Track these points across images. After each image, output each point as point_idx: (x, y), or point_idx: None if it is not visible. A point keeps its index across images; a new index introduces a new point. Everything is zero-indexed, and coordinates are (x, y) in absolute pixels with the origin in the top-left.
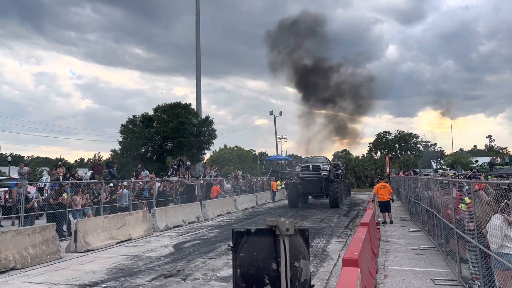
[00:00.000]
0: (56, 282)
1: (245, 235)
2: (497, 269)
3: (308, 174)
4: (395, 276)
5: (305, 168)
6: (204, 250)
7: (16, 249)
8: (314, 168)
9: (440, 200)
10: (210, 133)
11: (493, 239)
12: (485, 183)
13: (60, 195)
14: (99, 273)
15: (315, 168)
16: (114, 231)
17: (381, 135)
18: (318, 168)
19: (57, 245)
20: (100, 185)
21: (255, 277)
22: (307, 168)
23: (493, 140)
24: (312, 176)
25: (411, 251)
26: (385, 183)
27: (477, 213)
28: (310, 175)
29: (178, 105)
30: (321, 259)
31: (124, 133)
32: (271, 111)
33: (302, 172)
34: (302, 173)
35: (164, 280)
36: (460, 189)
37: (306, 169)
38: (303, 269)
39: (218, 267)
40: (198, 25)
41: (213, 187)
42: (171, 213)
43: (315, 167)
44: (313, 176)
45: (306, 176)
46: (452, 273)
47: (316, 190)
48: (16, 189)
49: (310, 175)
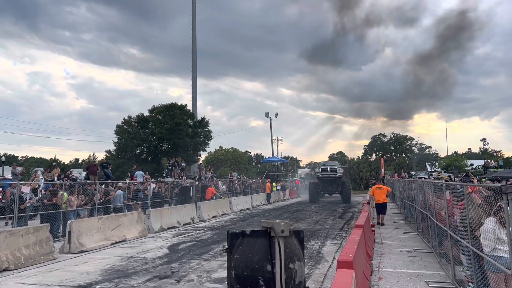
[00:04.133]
0: (49, 283)
1: (240, 237)
2: (490, 272)
3: (327, 174)
4: (389, 279)
5: (324, 170)
6: (199, 252)
7: (9, 250)
8: (332, 170)
9: (434, 202)
10: (206, 135)
11: (486, 242)
12: (478, 186)
13: (55, 196)
14: (93, 274)
15: (332, 170)
16: (109, 232)
17: (376, 137)
18: (334, 170)
19: (51, 246)
20: (95, 186)
21: (249, 278)
22: (326, 170)
23: (487, 143)
24: (330, 176)
25: (406, 253)
26: (381, 184)
27: (470, 216)
28: (329, 175)
29: (174, 106)
30: (316, 261)
31: (119, 133)
32: (266, 112)
33: (321, 173)
34: (322, 173)
35: (158, 281)
36: (453, 192)
37: (325, 171)
38: (297, 271)
39: (213, 269)
40: (195, 25)
41: (208, 188)
42: (166, 215)
43: (332, 169)
44: (331, 176)
45: (325, 176)
46: (446, 275)
47: (332, 188)
48: (10, 190)
49: (329, 175)
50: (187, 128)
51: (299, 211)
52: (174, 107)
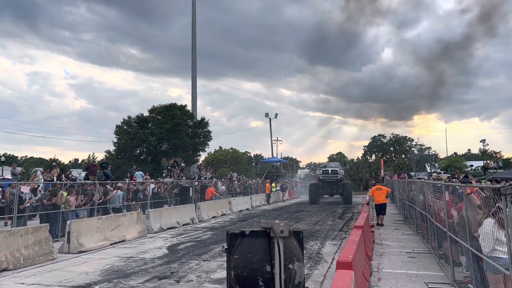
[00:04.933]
0: (48, 283)
1: (239, 237)
2: (489, 273)
3: (328, 176)
4: (388, 279)
5: (325, 172)
6: (198, 252)
7: (8, 250)
8: (333, 172)
9: (433, 203)
10: (205, 135)
11: (485, 242)
12: (476, 187)
13: (54, 196)
14: (92, 274)
15: (333, 172)
16: (108, 232)
17: (376, 138)
18: (335, 172)
19: (50, 246)
20: (94, 186)
21: (249, 279)
22: (327, 172)
23: (487, 144)
24: (330, 178)
25: (405, 254)
26: (380, 185)
27: (469, 216)
28: (329, 177)
29: (174, 107)
30: (315, 262)
31: (119, 134)
32: (266, 113)
33: (322, 175)
34: (323, 175)
35: (157, 282)
36: (453, 193)
37: (326, 172)
38: (297, 272)
39: (212, 269)
40: (194, 26)
41: (208, 188)
42: (165, 215)
43: (333, 171)
44: (332, 178)
45: (326, 178)
46: (445, 276)
47: (333, 190)
48: (9, 190)
49: (329, 177)
50: (186, 128)
51: (298, 211)
52: (173, 107)
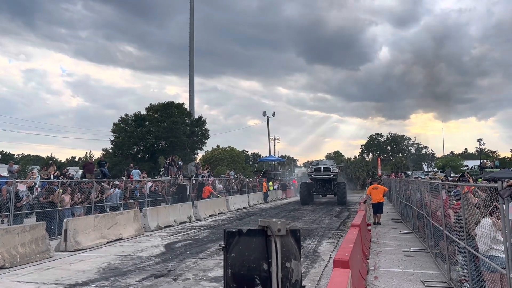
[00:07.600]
0: (45, 281)
1: (236, 236)
2: (485, 272)
3: (320, 175)
4: (385, 278)
5: (317, 170)
6: (195, 250)
7: (5, 248)
8: (325, 170)
9: (430, 202)
10: (203, 133)
11: (481, 241)
12: (473, 186)
13: (52, 193)
14: (89, 272)
15: (326, 170)
16: (105, 231)
17: (373, 137)
18: (328, 170)
19: (47, 244)
20: (91, 184)
21: (246, 277)
22: (319, 170)
23: (483, 143)
24: (323, 177)
25: (402, 253)
26: (377, 184)
27: (466, 215)
28: (322, 176)
29: (171, 105)
30: (312, 260)
31: (116, 132)
32: (264, 111)
33: (314, 173)
34: (314, 174)
35: (154, 280)
36: (449, 192)
37: (318, 170)
38: (294, 270)
39: (209, 268)
40: (192, 24)
41: (205, 187)
42: (163, 213)
43: (326, 169)
44: (324, 177)
45: (318, 176)
46: (442, 275)
47: (326, 189)
48: (5, 187)
49: (322, 176)
50: (184, 126)
51: (296, 210)
52: (171, 105)
